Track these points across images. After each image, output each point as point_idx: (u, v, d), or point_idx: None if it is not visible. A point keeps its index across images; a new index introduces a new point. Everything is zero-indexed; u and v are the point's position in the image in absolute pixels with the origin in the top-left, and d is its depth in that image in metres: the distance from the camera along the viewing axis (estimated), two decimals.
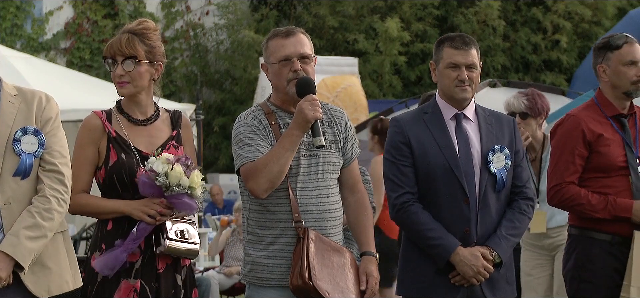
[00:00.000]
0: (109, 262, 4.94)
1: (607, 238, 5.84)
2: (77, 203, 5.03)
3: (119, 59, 5.05)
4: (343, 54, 20.09)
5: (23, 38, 21.16)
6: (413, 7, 21.37)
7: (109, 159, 5.03)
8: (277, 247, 5.08)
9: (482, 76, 5.68)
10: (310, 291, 4.97)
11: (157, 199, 4.99)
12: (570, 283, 5.94)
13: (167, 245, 5.00)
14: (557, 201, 5.92)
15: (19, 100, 4.76)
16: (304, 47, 5.14)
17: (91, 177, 5.08)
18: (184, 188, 4.97)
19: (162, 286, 5.06)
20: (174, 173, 4.94)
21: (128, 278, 4.99)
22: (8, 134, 4.68)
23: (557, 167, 5.91)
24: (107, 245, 5.01)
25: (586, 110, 5.98)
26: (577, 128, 5.87)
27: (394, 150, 5.40)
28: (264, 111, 5.17)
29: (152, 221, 4.99)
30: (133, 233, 4.98)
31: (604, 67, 5.95)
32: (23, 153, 4.68)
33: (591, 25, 21.77)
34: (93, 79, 15.57)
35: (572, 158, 5.85)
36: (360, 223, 5.26)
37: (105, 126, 5.05)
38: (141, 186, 4.98)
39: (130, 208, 5.00)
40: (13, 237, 4.63)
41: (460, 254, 5.27)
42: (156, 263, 5.06)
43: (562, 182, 5.86)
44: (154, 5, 22.03)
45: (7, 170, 4.67)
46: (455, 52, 5.35)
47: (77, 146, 5.09)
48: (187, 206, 5.03)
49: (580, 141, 5.84)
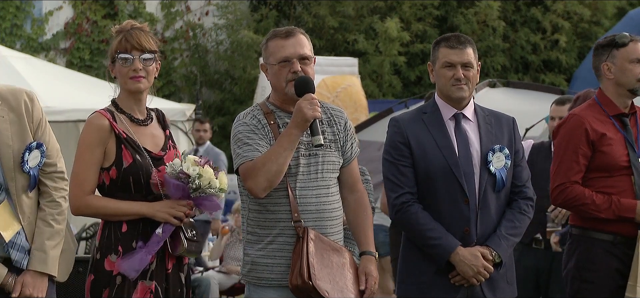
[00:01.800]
0: (134, 264, 4.93)
1: (609, 238, 5.83)
2: (88, 205, 5.01)
3: (136, 54, 5.02)
4: (343, 54, 20.08)
5: (23, 38, 21.15)
6: (413, 7, 21.36)
7: (123, 160, 4.98)
8: (277, 247, 5.08)
9: (482, 76, 5.68)
10: (309, 291, 4.97)
11: (184, 200, 4.99)
12: (572, 284, 5.92)
13: (185, 246, 5.02)
14: (561, 200, 5.91)
15: (5, 109, 4.76)
16: (303, 48, 5.14)
17: (98, 177, 5.03)
18: (216, 189, 4.99)
19: (170, 285, 5.08)
20: (206, 175, 4.95)
21: (144, 280, 4.98)
22: (11, 154, 4.74)
23: (561, 166, 5.89)
24: (124, 247, 4.98)
25: (588, 109, 5.97)
26: (580, 127, 5.86)
27: (394, 150, 5.40)
28: (263, 110, 5.17)
29: (177, 222, 5.00)
30: (157, 235, 4.97)
31: (608, 65, 5.94)
32: (31, 170, 4.74)
33: (591, 25, 21.76)
34: (93, 79, 15.55)
35: (575, 157, 5.84)
36: (359, 223, 5.26)
37: (113, 127, 5.01)
38: (172, 188, 4.96)
39: (152, 210, 4.98)
40: (41, 253, 4.78)
41: (460, 254, 5.28)
42: (166, 263, 5.06)
43: (567, 181, 5.84)
44: (153, 5, 22.03)
45: (20, 189, 4.76)
46: (451, 51, 5.36)
47: (84, 147, 5.01)
48: (216, 207, 5.07)
49: (584, 141, 5.83)
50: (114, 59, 5.07)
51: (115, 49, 5.06)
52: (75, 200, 4.98)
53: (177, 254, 5.05)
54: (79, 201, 4.99)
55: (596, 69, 6.02)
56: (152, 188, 5.01)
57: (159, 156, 5.07)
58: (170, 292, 5.08)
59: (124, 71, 5.04)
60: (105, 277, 4.98)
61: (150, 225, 5.01)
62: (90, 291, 5.00)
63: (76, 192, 4.97)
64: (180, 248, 5.02)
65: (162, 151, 5.10)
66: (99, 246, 5.03)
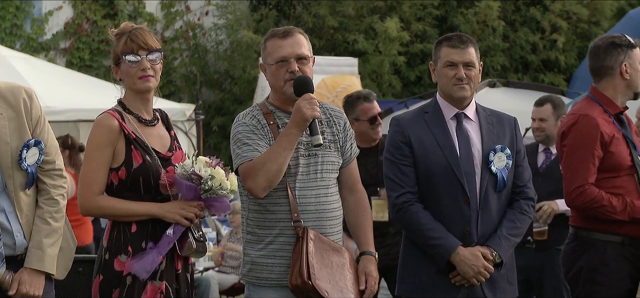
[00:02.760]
0: (146, 265, 4.91)
1: (618, 240, 5.81)
2: (98, 206, 5.00)
3: (143, 54, 5.00)
4: (343, 54, 20.06)
5: (23, 38, 21.14)
6: (413, 7, 21.34)
7: (133, 160, 4.96)
8: (276, 247, 5.08)
9: (482, 76, 5.67)
10: (309, 290, 4.96)
11: (194, 201, 4.98)
12: (583, 286, 5.85)
13: (193, 246, 5.02)
14: (580, 202, 5.80)
15: (3, 106, 4.75)
16: (301, 47, 5.13)
17: (107, 178, 5.01)
18: (227, 191, 4.98)
19: (181, 286, 5.08)
20: (217, 176, 4.94)
21: (153, 280, 4.96)
22: (9, 151, 4.72)
23: (577, 168, 5.80)
24: (134, 247, 4.96)
25: (594, 109, 5.89)
26: (595, 129, 5.79)
27: (395, 150, 5.40)
28: (262, 111, 5.17)
29: (188, 223, 4.99)
30: (168, 235, 4.95)
31: (627, 65, 5.91)
32: (28, 167, 4.73)
33: (590, 26, 21.75)
34: (93, 79, 15.54)
35: (592, 158, 5.78)
36: (359, 223, 5.26)
37: (122, 127, 4.99)
38: (184, 189, 4.95)
39: (163, 210, 4.97)
40: (38, 251, 4.76)
41: (461, 254, 5.27)
42: (175, 264, 5.05)
43: (585, 183, 5.77)
44: (153, 5, 22.01)
45: (18, 186, 4.75)
46: (453, 51, 5.36)
47: (93, 147, 4.98)
48: (226, 208, 5.06)
49: (598, 142, 5.77)
50: (119, 61, 5.04)
51: (120, 51, 5.02)
52: (85, 200, 4.97)
53: (184, 254, 5.04)
54: (88, 201, 4.97)
55: (611, 68, 5.93)
56: (161, 189, 5.00)
57: (166, 156, 5.06)
58: (182, 292, 5.08)
59: (132, 72, 5.01)
60: (115, 277, 4.96)
61: (160, 225, 4.99)
62: (100, 292, 4.97)
63: (85, 193, 4.95)
64: (188, 248, 5.02)
65: (169, 152, 5.09)
66: (107, 247, 5.00)
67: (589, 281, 5.83)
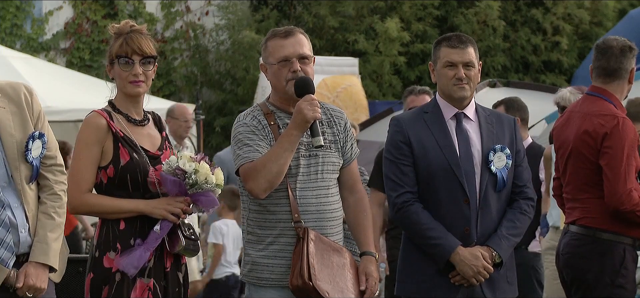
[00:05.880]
0: (133, 261, 4.94)
1: (631, 242, 5.82)
2: (86, 203, 5.04)
3: (137, 59, 5.03)
4: (343, 54, 20.06)
5: (23, 38, 21.13)
6: (413, 7, 21.33)
7: (120, 158, 4.99)
8: (277, 247, 5.08)
9: (482, 76, 5.67)
10: (310, 291, 4.96)
11: (181, 197, 5.00)
12: (603, 289, 5.79)
13: (183, 243, 5.02)
14: (630, 206, 5.72)
15: (5, 101, 4.77)
16: (302, 47, 5.13)
17: (95, 176, 5.04)
18: (212, 185, 4.99)
19: (169, 284, 5.09)
20: (202, 170, 4.96)
21: (142, 277, 4.99)
22: (14, 143, 4.72)
23: (625, 171, 5.73)
24: (122, 244, 4.99)
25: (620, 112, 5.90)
26: (634, 132, 5.78)
27: (395, 149, 5.40)
28: (263, 111, 5.17)
29: (175, 219, 5.00)
30: (155, 232, 4.97)
31: (633, 72, 5.91)
32: (33, 160, 4.74)
33: (592, 26, 21.75)
34: (93, 79, 15.54)
35: (635, 161, 5.77)
36: (359, 223, 5.26)
37: (110, 126, 5.02)
38: (169, 185, 4.97)
39: (150, 207, 4.99)
40: (43, 245, 4.75)
41: (461, 254, 5.27)
42: (164, 261, 5.07)
43: (632, 187, 5.73)
44: (153, 5, 22.00)
45: (24, 179, 4.76)
46: (452, 51, 5.37)
47: (81, 145, 5.04)
48: (213, 203, 5.07)
49: (637, 145, 5.79)
50: (113, 61, 5.08)
51: (115, 52, 5.06)
52: (73, 198, 4.99)
53: (175, 252, 5.05)
54: (76, 199, 5.00)
55: (625, 70, 5.87)
56: (149, 186, 5.02)
57: (156, 155, 5.08)
58: (170, 291, 5.08)
59: (124, 75, 5.06)
60: (105, 274, 4.99)
61: (148, 222, 5.01)
62: (90, 290, 5.01)
63: (74, 191, 4.98)
64: (178, 246, 5.02)
65: (158, 151, 5.11)
66: (97, 244, 5.05)
67: (611, 284, 5.78)
